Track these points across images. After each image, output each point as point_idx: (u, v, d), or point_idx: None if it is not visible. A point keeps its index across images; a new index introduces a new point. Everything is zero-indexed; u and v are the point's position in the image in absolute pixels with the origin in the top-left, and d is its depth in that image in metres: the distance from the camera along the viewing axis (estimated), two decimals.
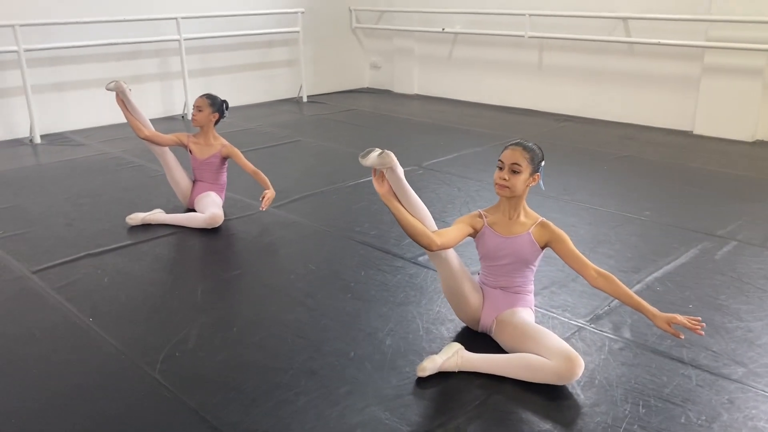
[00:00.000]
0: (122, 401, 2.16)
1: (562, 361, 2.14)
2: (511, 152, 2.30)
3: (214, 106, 3.77)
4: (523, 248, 2.36)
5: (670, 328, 2.13)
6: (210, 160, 3.79)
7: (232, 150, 3.78)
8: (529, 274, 2.44)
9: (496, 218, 2.41)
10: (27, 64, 5.52)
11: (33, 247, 3.43)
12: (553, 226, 2.37)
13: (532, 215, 2.41)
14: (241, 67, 7.27)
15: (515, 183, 2.29)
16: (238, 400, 2.16)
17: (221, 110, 3.82)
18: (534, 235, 2.35)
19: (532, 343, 2.25)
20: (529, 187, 2.35)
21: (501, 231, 2.38)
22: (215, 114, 3.78)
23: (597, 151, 5.28)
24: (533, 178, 2.33)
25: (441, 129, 6.20)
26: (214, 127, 3.84)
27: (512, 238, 2.37)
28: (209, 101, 3.76)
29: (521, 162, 2.28)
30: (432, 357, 2.26)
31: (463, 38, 7.47)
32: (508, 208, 2.38)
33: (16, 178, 4.71)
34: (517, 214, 2.38)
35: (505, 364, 2.25)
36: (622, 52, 6.21)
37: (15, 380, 2.29)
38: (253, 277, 3.14)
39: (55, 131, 5.99)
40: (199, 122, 3.77)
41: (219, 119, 3.84)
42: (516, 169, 2.28)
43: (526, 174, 2.30)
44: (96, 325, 2.64)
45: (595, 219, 3.76)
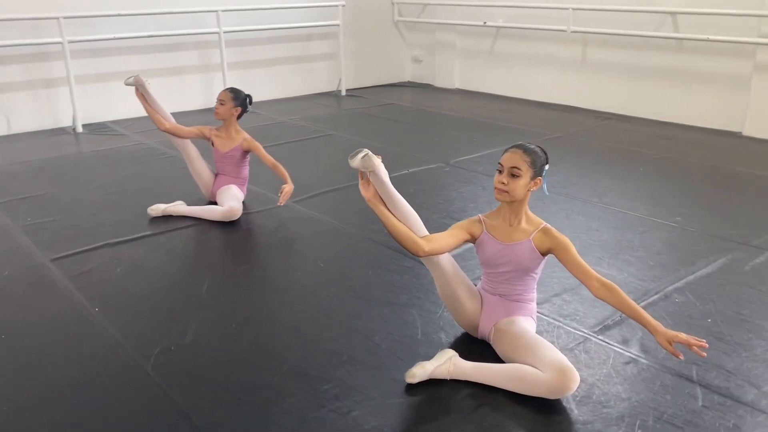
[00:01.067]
0: (110, 394, 2.18)
1: (556, 374, 2.04)
2: (511, 155, 2.21)
3: (237, 100, 3.78)
4: (524, 256, 2.27)
5: (670, 347, 2.01)
6: (231, 153, 3.81)
7: (252, 143, 3.79)
8: (530, 282, 2.34)
9: (496, 224, 2.32)
10: (71, 56, 5.68)
11: (55, 235, 3.52)
12: (555, 232, 2.26)
13: (535, 221, 2.31)
14: (280, 60, 7.30)
15: (514, 187, 2.19)
16: (224, 399, 2.15)
17: (244, 104, 3.83)
18: (535, 242, 2.25)
19: (527, 353, 2.16)
20: (530, 191, 2.25)
21: (500, 237, 2.30)
22: (238, 108, 3.80)
23: (635, 151, 5.08)
24: (535, 182, 2.23)
25: (477, 125, 6.08)
26: (236, 121, 3.85)
27: (512, 246, 2.27)
28: (232, 95, 3.78)
29: (521, 166, 2.19)
30: (422, 363, 2.20)
31: (505, 32, 7.30)
32: (508, 214, 2.29)
33: (54, 166, 4.85)
34: (518, 220, 2.29)
35: (497, 375, 2.17)
36: (669, 48, 5.94)
37: (12, 368, 2.35)
38: (260, 272, 3.13)
39: (97, 121, 6.15)
40: (221, 116, 3.79)
41: (242, 113, 3.85)
42: (515, 173, 2.19)
43: (526, 178, 2.20)
44: (101, 316, 2.68)
45: (621, 223, 3.61)
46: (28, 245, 3.38)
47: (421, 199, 4.04)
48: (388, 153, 5.10)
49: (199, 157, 3.92)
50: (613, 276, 2.97)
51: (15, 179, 4.52)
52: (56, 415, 2.08)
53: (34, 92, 5.86)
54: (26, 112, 5.85)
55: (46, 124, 5.95)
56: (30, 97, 5.84)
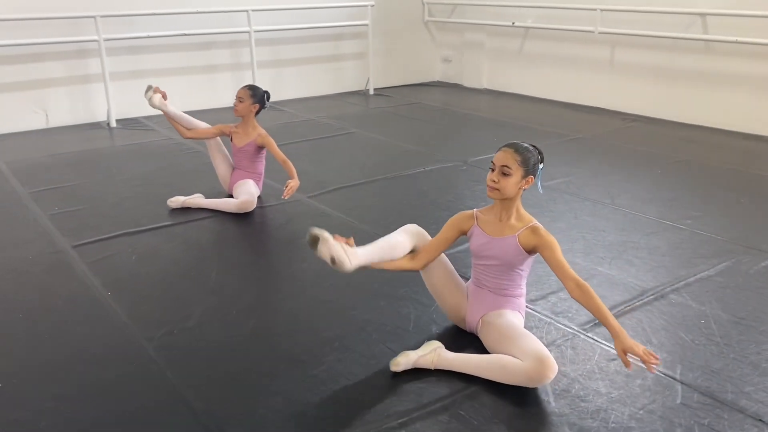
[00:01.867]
0: (112, 372, 2.32)
1: (534, 363, 2.10)
2: (502, 154, 2.27)
3: (255, 98, 3.91)
4: (508, 251, 2.32)
5: (624, 356, 2.01)
6: (245, 148, 3.94)
7: (266, 139, 3.91)
8: (516, 277, 2.39)
9: (489, 218, 2.39)
10: (106, 53, 5.92)
11: (80, 223, 3.70)
12: (543, 232, 2.30)
13: (525, 218, 2.35)
14: (309, 60, 7.44)
15: (505, 185, 2.24)
16: (219, 380, 2.26)
17: (262, 101, 3.95)
18: (520, 239, 2.30)
19: (509, 344, 2.22)
20: (522, 189, 2.29)
21: (489, 231, 2.36)
22: (256, 105, 3.92)
23: (655, 153, 5.03)
24: (527, 180, 2.27)
25: (501, 125, 6.11)
26: (254, 117, 3.98)
27: (498, 240, 2.33)
28: (250, 92, 3.90)
29: (511, 164, 2.24)
30: (406, 353, 2.28)
31: (533, 33, 7.30)
32: (499, 210, 2.35)
33: (85, 158, 5.07)
34: (508, 216, 2.34)
35: (478, 364, 2.23)
36: (698, 50, 5.86)
37: (24, 345, 2.50)
38: (267, 263, 3.25)
39: (130, 116, 6.38)
40: (240, 112, 3.92)
41: (260, 110, 3.97)
42: (506, 171, 2.24)
43: (517, 177, 2.24)
44: (112, 299, 2.83)
45: (628, 225, 3.61)
46: (53, 232, 3.57)
47: (433, 196, 4.11)
48: (407, 151, 5.22)
49: (219, 151, 4.07)
50: (612, 276, 2.99)
51: (48, 170, 4.75)
52: (60, 389, 2.22)
53: (71, 88, 6.12)
54: (63, 107, 6.11)
55: (81, 119, 6.21)
56: (67, 92, 6.11)
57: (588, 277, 2.97)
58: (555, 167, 4.66)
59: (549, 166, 4.63)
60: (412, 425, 2.02)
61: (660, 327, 2.57)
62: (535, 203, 3.92)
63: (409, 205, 3.95)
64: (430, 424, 2.02)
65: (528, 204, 3.82)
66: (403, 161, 4.86)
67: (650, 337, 2.49)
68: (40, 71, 5.92)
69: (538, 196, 4.02)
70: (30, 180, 4.49)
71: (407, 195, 4.17)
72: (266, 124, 6.17)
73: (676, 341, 2.47)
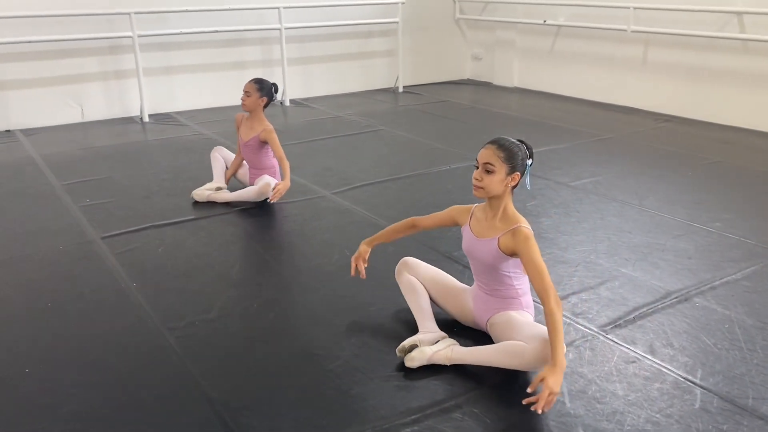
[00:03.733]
0: (133, 361, 2.37)
1: (540, 343, 2.09)
2: (485, 151, 2.22)
3: (262, 91, 3.90)
4: (488, 253, 2.27)
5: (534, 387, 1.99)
6: (250, 143, 3.93)
7: (269, 135, 3.85)
8: (504, 279, 2.32)
9: (479, 217, 2.35)
10: (140, 49, 6.03)
11: (109, 215, 3.78)
12: (522, 235, 2.18)
13: (512, 220, 2.25)
14: (339, 57, 7.47)
15: (488, 183, 2.19)
16: (235, 371, 2.30)
17: (270, 94, 3.93)
18: (501, 242, 2.23)
19: (515, 332, 2.22)
20: (509, 187, 2.23)
21: (475, 230, 2.33)
22: (263, 98, 3.90)
23: (687, 154, 4.94)
24: (512, 177, 2.21)
25: (531, 124, 6.05)
26: (262, 111, 3.95)
27: (481, 241, 2.30)
28: (257, 86, 3.89)
29: (494, 161, 2.19)
30: (422, 348, 2.28)
31: (565, 31, 7.21)
32: (488, 208, 2.31)
33: (118, 152, 5.18)
34: (494, 216, 2.28)
35: (489, 354, 2.22)
36: (734, 49, 5.73)
37: (52, 334, 2.57)
38: (288, 257, 3.28)
39: (163, 111, 6.49)
40: (248, 107, 3.92)
41: (268, 103, 3.96)
42: (489, 168, 2.19)
43: (501, 174, 2.19)
44: (137, 290, 2.89)
45: (655, 227, 3.55)
46: (84, 223, 3.66)
47: (457, 195, 4.09)
48: (434, 149, 5.22)
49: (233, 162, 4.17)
50: (635, 277, 2.95)
51: (82, 163, 4.86)
52: (84, 376, 2.28)
53: (106, 83, 6.25)
54: (98, 102, 6.25)
55: (115, 113, 6.34)
56: (102, 87, 6.24)
57: (610, 278, 2.94)
58: (583, 167, 4.61)
59: (577, 166, 4.64)
60: (426, 422, 2.02)
61: (682, 330, 2.53)
62: (561, 203, 3.89)
63: (432, 203, 3.93)
64: (443, 421, 2.02)
65: (554, 203, 3.85)
66: (430, 159, 4.85)
67: (671, 341, 2.45)
68: (76, 66, 6.06)
69: (564, 195, 4.02)
70: (64, 172, 4.60)
71: (431, 193, 4.17)
72: (294, 121, 6.28)
73: (698, 345, 2.42)
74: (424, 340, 2.33)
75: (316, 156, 4.98)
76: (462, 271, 3.03)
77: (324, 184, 4.30)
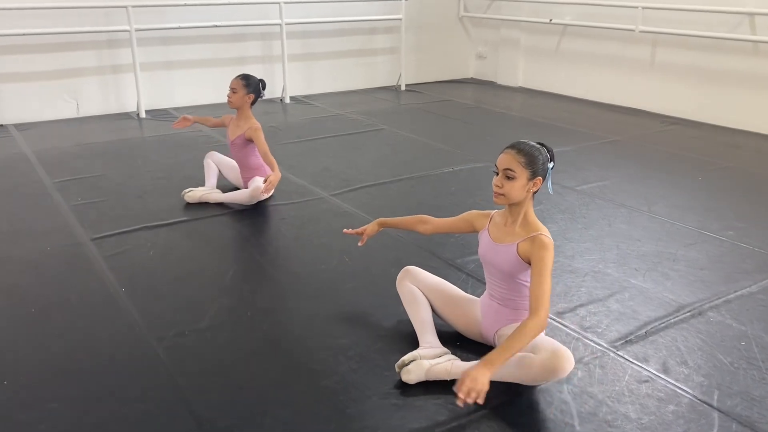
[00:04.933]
0: (118, 374, 2.24)
1: (548, 354, 1.99)
2: (504, 156, 2.11)
3: (249, 87, 3.77)
4: (507, 260, 2.17)
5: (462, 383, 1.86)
6: (235, 141, 3.82)
7: (254, 132, 3.72)
8: (521, 288, 2.21)
9: (498, 222, 2.25)
10: (137, 43, 5.90)
11: (100, 215, 3.66)
12: (539, 242, 2.08)
13: (533, 226, 2.15)
14: (341, 54, 7.34)
15: (509, 190, 2.09)
16: (226, 386, 2.18)
17: (257, 91, 3.81)
18: (520, 249, 2.13)
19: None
20: (531, 193, 2.14)
21: (494, 236, 2.23)
22: (250, 95, 3.78)
23: (697, 158, 4.81)
24: (534, 183, 2.11)
25: (535, 125, 5.93)
26: (250, 108, 3.83)
27: (499, 246, 2.20)
28: (244, 82, 3.77)
29: (514, 167, 2.08)
30: (419, 361, 2.16)
31: (571, 30, 7.08)
32: (508, 214, 2.20)
33: (113, 149, 5.05)
34: (513, 222, 2.18)
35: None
36: (745, 51, 5.60)
37: (34, 342, 2.45)
38: (285, 263, 3.16)
39: (160, 107, 6.36)
40: (234, 104, 3.79)
41: (255, 100, 3.83)
42: (509, 174, 2.08)
43: (522, 180, 2.08)
44: (126, 296, 2.76)
45: (665, 235, 3.42)
46: (74, 224, 3.53)
47: (460, 197, 3.97)
48: (437, 150, 5.09)
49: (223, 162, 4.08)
50: (646, 289, 2.83)
51: (76, 160, 4.73)
52: (65, 390, 2.15)
53: (102, 78, 6.12)
54: (94, 97, 6.12)
55: (112, 109, 6.21)
56: (98, 82, 6.11)
57: (620, 289, 2.82)
58: (590, 171, 4.48)
59: (583, 170, 4.51)
60: None
61: (696, 347, 2.40)
62: (567, 208, 3.77)
63: (435, 206, 3.82)
64: None
65: (560, 208, 3.72)
66: (433, 160, 4.73)
67: (685, 358, 2.33)
68: (72, 60, 5.93)
69: (570, 200, 3.89)
70: (56, 169, 4.47)
71: (434, 196, 4.04)
72: (294, 118, 6.15)
73: (713, 364, 2.30)
74: (425, 355, 2.21)
75: (316, 155, 4.85)
76: (465, 279, 2.91)
77: (323, 185, 4.17)
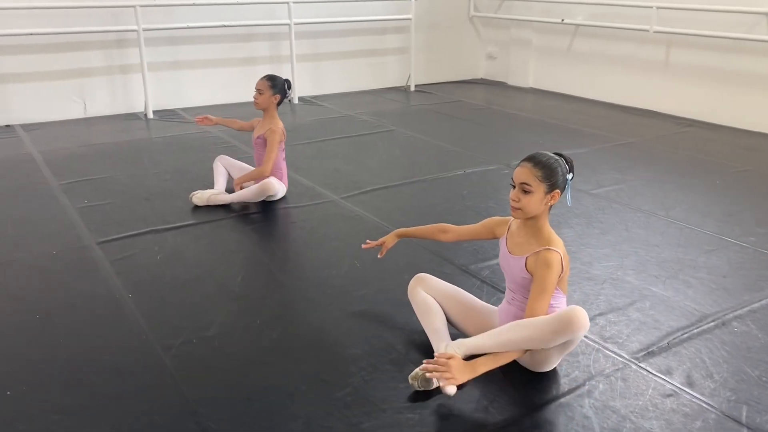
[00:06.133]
0: (122, 383, 2.17)
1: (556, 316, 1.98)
2: (521, 170, 2.05)
3: (275, 88, 3.73)
4: (518, 272, 2.13)
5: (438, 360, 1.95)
6: (257, 140, 3.78)
7: (269, 134, 3.68)
8: None
9: (513, 232, 2.21)
10: (145, 43, 5.84)
11: (107, 218, 3.60)
12: (544, 258, 2.04)
13: (545, 239, 2.10)
14: (350, 54, 7.27)
15: (526, 204, 2.03)
16: (234, 397, 2.10)
17: (283, 91, 3.76)
18: (528, 263, 2.09)
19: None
20: (548, 206, 2.07)
21: (509, 245, 2.19)
22: (276, 96, 3.74)
23: (714, 162, 4.71)
24: (552, 196, 2.04)
25: (547, 126, 5.84)
26: (276, 109, 3.78)
27: (512, 257, 2.15)
28: (269, 83, 3.72)
29: (531, 181, 2.02)
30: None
31: (584, 30, 6.98)
32: (522, 225, 2.14)
33: (120, 150, 4.99)
34: (527, 234, 2.13)
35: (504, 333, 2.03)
36: (762, 51, 5.49)
37: (38, 349, 2.38)
38: (295, 268, 3.09)
39: (168, 107, 6.31)
40: (260, 105, 3.75)
41: (281, 100, 3.79)
42: (526, 189, 2.02)
43: (539, 193, 2.02)
44: (133, 302, 2.70)
45: (685, 241, 3.33)
46: (80, 227, 3.47)
47: (472, 201, 3.89)
48: (448, 151, 5.01)
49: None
50: (667, 298, 2.74)
51: (82, 161, 4.68)
52: (68, 400, 2.09)
53: (110, 78, 6.07)
54: (102, 97, 6.07)
55: (119, 109, 6.15)
56: (106, 82, 6.06)
57: (640, 297, 2.73)
58: (604, 174, 4.39)
59: (598, 173, 4.42)
60: None
61: (722, 359, 2.32)
62: (583, 212, 3.68)
63: (447, 210, 3.74)
64: None
65: (575, 213, 3.64)
66: (443, 162, 4.64)
67: (711, 371, 2.24)
68: (80, 60, 5.88)
69: (585, 204, 3.80)
70: (63, 171, 4.42)
71: (445, 199, 3.96)
72: (303, 120, 6.08)
73: (740, 377, 2.21)
74: None
75: (325, 157, 4.78)
76: (480, 286, 2.83)
77: (333, 187, 4.10)
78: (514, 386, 2.15)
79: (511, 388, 2.15)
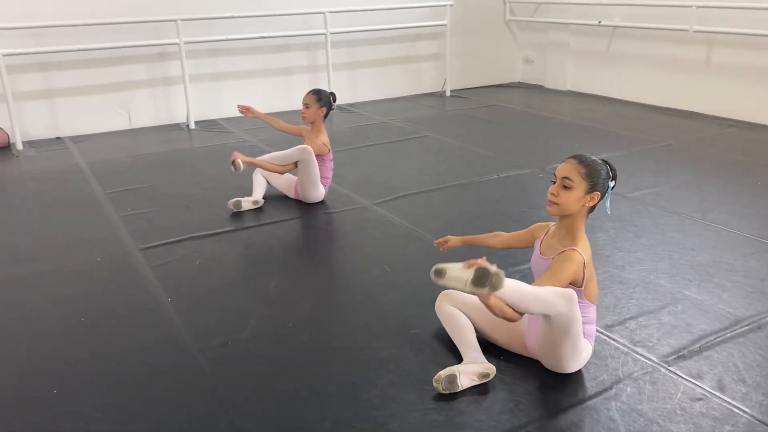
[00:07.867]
0: (160, 384, 2.27)
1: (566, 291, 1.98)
2: (565, 165, 2.07)
3: (321, 101, 3.85)
4: (543, 271, 2.13)
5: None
6: None
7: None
8: None
9: (550, 234, 2.23)
10: (186, 56, 6.03)
11: (149, 226, 3.73)
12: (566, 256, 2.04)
13: (574, 242, 2.10)
14: (386, 61, 7.34)
15: (565, 200, 2.04)
16: (266, 398, 2.17)
17: (329, 104, 3.89)
18: (553, 261, 2.10)
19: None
20: (586, 207, 2.08)
21: (542, 247, 2.20)
22: (323, 109, 3.86)
23: (756, 162, 4.61)
24: (591, 197, 2.05)
25: (585, 129, 5.79)
26: (323, 122, 3.91)
27: (541, 258, 2.18)
28: (316, 97, 3.85)
29: (573, 177, 2.03)
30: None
31: (621, 32, 6.90)
32: (559, 227, 2.14)
33: (163, 160, 5.16)
34: (560, 236, 2.14)
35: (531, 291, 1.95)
36: None
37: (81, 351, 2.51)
38: (327, 272, 3.15)
39: (209, 118, 6.48)
40: (308, 119, 3.90)
41: (327, 113, 3.91)
42: (567, 184, 2.04)
43: (579, 191, 2.04)
44: (171, 306, 2.80)
45: (722, 243, 3.28)
46: (123, 234, 3.62)
47: (505, 206, 3.90)
48: (482, 156, 5.02)
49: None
50: (701, 301, 2.71)
51: (127, 171, 4.86)
52: (111, 399, 2.19)
53: (153, 90, 6.27)
54: (146, 109, 6.28)
55: (162, 120, 6.35)
56: (150, 94, 6.26)
57: (672, 301, 2.71)
58: (641, 177, 4.35)
59: (635, 176, 4.37)
60: None
61: (755, 363, 2.28)
62: (618, 216, 3.65)
63: (479, 214, 3.77)
64: None
65: (610, 217, 3.62)
66: (477, 167, 4.66)
67: (743, 375, 2.21)
68: (124, 74, 6.10)
69: (621, 207, 3.77)
70: (109, 180, 4.60)
71: (478, 204, 3.98)
72: (339, 127, 6.17)
73: None
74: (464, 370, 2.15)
75: (359, 164, 4.85)
76: None
77: (366, 193, 4.16)
78: (540, 389, 2.17)
79: (537, 390, 2.16)
